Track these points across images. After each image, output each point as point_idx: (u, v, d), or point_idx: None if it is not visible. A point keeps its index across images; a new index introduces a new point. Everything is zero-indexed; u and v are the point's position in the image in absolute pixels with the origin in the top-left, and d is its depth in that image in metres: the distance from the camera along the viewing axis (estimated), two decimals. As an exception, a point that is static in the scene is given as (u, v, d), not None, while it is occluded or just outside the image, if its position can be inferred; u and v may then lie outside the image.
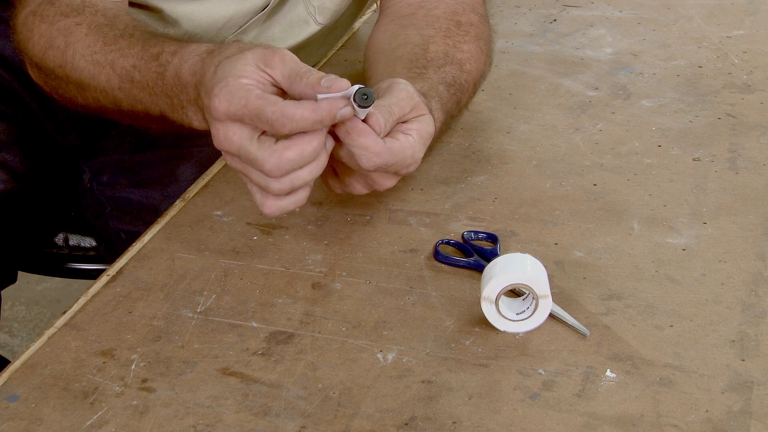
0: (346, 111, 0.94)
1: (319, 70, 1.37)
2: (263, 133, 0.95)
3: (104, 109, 1.15)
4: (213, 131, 0.96)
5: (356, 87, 0.94)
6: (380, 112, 0.97)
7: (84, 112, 1.19)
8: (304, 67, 0.95)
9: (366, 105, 0.94)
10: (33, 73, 1.20)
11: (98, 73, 1.10)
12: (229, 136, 0.95)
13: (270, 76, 0.95)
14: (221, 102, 0.94)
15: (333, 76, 0.94)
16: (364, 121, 0.96)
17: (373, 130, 0.96)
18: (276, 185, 0.95)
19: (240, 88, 0.94)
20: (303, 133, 0.94)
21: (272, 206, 0.97)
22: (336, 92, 0.93)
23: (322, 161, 0.96)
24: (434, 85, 1.12)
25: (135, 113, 1.11)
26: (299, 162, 0.94)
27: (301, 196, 0.97)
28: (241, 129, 0.94)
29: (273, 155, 0.93)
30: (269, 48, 0.96)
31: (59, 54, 1.13)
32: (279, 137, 0.94)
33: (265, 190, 0.96)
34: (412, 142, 1.00)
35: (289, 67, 0.95)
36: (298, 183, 0.95)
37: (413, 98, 1.01)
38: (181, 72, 1.03)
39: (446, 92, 1.14)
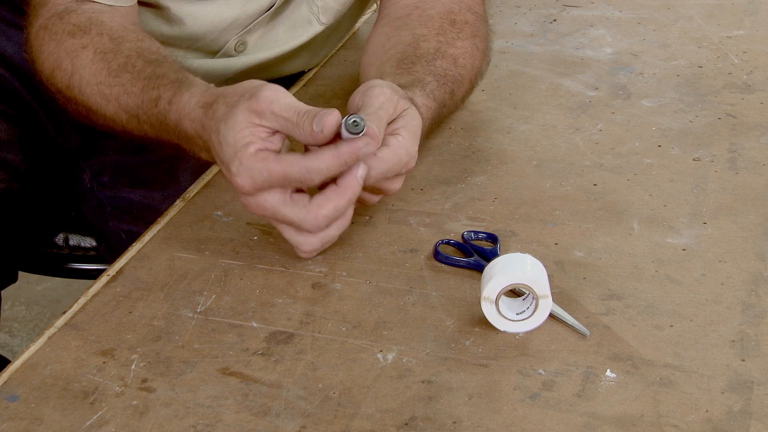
0: (368, 149, 0.96)
1: (319, 70, 1.38)
2: (294, 190, 0.98)
3: (115, 132, 1.16)
4: (244, 202, 0.99)
5: (346, 117, 0.96)
6: (372, 121, 0.98)
7: (97, 128, 1.19)
8: (294, 114, 0.96)
9: (356, 132, 0.96)
10: (47, 86, 1.21)
11: (106, 105, 1.12)
12: (261, 204, 0.98)
13: (266, 127, 0.97)
14: (244, 180, 0.97)
15: (320, 115, 0.95)
16: None
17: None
18: (308, 247, 1.00)
19: (255, 160, 0.96)
20: (334, 185, 0.97)
21: (312, 241, 1.00)
22: (330, 127, 0.95)
23: (349, 216, 1.00)
24: (420, 76, 1.13)
25: (148, 139, 1.13)
26: (335, 216, 0.98)
27: (342, 223, 1.01)
28: (271, 195, 0.97)
29: (309, 215, 0.97)
30: (253, 97, 0.97)
31: (66, 77, 1.14)
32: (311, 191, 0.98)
33: (296, 248, 1.00)
34: (402, 141, 1.01)
35: (281, 119, 0.96)
36: (327, 241, 1.00)
37: (392, 98, 1.02)
38: (181, 127, 1.05)
39: (435, 82, 1.14)
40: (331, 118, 0.95)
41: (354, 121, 0.95)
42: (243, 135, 0.96)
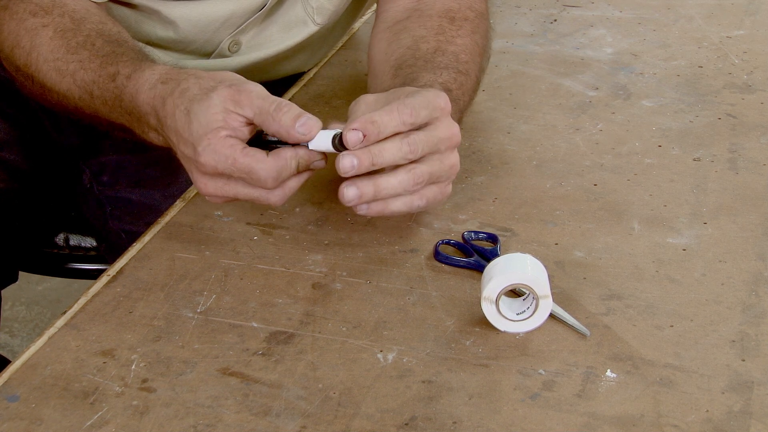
0: (320, 164, 0.99)
1: (319, 71, 1.38)
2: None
3: (67, 111, 1.17)
4: (196, 182, 1.00)
5: (335, 131, 0.97)
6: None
7: (50, 108, 1.21)
8: (273, 104, 0.97)
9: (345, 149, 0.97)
10: (6, 65, 1.22)
11: (60, 80, 1.13)
12: (221, 188, 0.99)
13: (241, 115, 0.97)
14: (208, 161, 0.97)
15: (305, 118, 0.96)
16: None
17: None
18: (270, 182, 0.98)
19: (224, 146, 0.97)
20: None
21: (277, 195, 0.99)
22: (313, 134, 0.96)
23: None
24: (415, 75, 1.11)
25: (98, 120, 1.14)
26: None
27: (302, 178, 1.00)
28: (233, 184, 0.99)
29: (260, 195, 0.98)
30: (234, 86, 0.98)
31: (24, 54, 1.15)
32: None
33: (261, 187, 0.99)
34: (408, 93, 0.99)
35: (257, 105, 0.97)
36: (286, 174, 0.98)
37: (378, 99, 1.01)
38: (137, 101, 1.05)
39: (431, 74, 1.12)
40: (316, 123, 0.96)
41: (342, 140, 0.96)
42: (216, 119, 0.97)
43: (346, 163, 0.96)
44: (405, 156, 0.97)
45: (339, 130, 0.97)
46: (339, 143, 0.96)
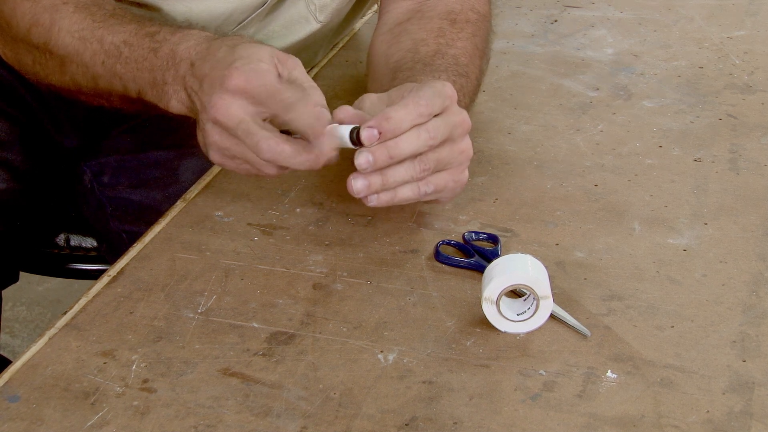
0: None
1: (319, 71, 1.38)
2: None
3: (79, 90, 1.17)
4: (215, 100, 0.98)
5: (352, 126, 0.98)
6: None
7: (57, 93, 1.21)
8: (308, 82, 0.98)
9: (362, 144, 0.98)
10: (6, 54, 1.23)
11: (84, 48, 1.13)
12: (232, 109, 0.97)
13: (280, 73, 0.98)
14: (240, 75, 0.97)
15: (322, 122, 0.96)
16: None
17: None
18: (266, 168, 0.99)
19: (261, 70, 0.97)
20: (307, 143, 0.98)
21: (272, 170, 1.00)
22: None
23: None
24: (415, 77, 1.12)
25: (110, 93, 1.14)
26: (289, 160, 0.97)
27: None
28: (246, 106, 0.97)
29: (270, 139, 0.96)
30: (284, 53, 1.00)
31: (44, 31, 1.15)
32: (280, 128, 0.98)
33: (254, 166, 1.00)
34: (416, 88, 1.00)
35: (296, 76, 0.98)
36: (284, 164, 0.98)
37: (381, 97, 1.02)
38: (178, 49, 1.05)
39: (431, 74, 1.13)
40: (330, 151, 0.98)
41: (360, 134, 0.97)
42: (262, 56, 0.98)
43: (362, 160, 0.97)
44: (425, 143, 0.98)
45: (358, 125, 0.97)
46: (357, 138, 0.97)
